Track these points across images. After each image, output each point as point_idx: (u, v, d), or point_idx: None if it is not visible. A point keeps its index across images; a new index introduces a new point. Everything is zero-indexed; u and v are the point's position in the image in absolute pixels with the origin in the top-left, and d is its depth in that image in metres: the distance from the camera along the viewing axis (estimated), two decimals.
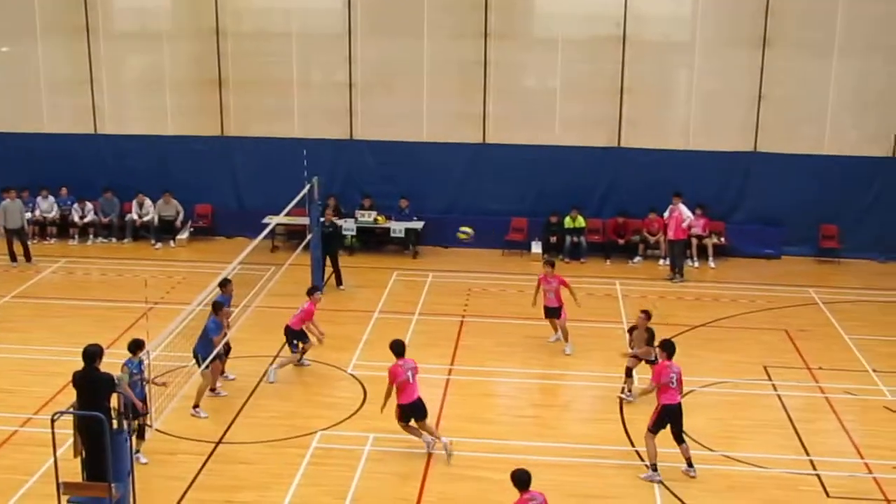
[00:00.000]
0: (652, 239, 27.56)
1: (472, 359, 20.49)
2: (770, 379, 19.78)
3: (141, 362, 14.98)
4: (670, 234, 25.99)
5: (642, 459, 16.46)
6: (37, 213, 29.10)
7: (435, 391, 18.91)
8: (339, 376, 19.74)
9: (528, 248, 27.93)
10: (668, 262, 26.69)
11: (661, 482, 15.85)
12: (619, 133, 27.90)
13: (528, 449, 16.88)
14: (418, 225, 28.05)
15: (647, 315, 18.76)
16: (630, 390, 18.53)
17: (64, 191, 29.40)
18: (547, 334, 21.30)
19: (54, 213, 29.25)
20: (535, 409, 18.61)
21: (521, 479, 13.14)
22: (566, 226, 27.67)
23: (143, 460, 15.84)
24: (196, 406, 17.81)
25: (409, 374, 16.48)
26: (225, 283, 19.20)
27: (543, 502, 13.17)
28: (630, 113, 27.78)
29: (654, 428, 16.02)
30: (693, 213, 26.30)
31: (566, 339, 20.73)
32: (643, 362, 18.49)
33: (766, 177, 27.63)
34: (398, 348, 16.74)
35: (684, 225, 25.78)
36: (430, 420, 17.32)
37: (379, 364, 19.50)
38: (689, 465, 16.11)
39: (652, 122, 27.92)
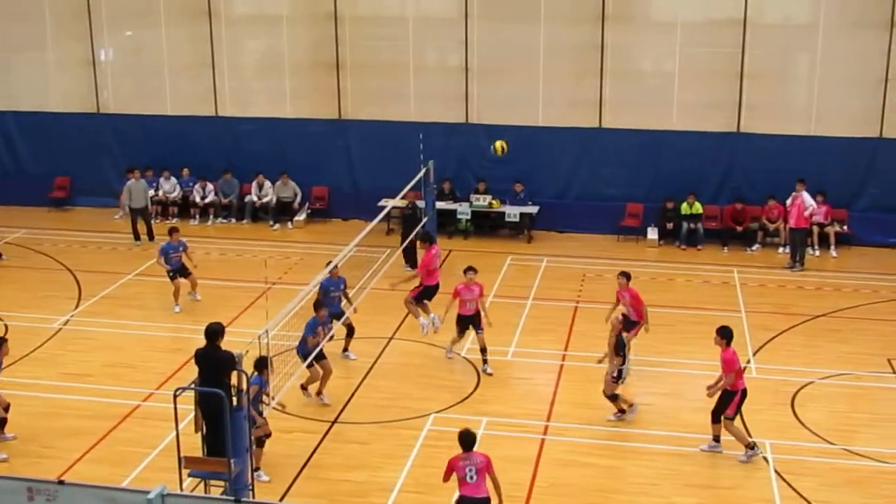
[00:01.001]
0: (771, 226, 27.07)
1: (585, 345, 20.39)
2: (894, 371, 19.31)
3: (264, 381, 15.10)
4: (791, 222, 25.47)
5: (760, 451, 16.24)
6: (160, 193, 29.75)
7: (548, 377, 18.91)
8: (453, 359, 19.80)
9: (644, 234, 27.67)
10: (787, 250, 26.18)
11: (764, 457, 15.79)
12: (738, 118, 27.42)
13: (641, 436, 16.79)
14: (533, 209, 27.98)
15: (623, 317, 17.99)
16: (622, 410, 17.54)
17: (186, 172, 30.03)
18: (661, 322, 21.02)
19: (176, 194, 29.88)
20: (647, 397, 18.43)
21: (465, 440, 13.15)
22: (683, 212, 27.34)
23: (264, 478, 15.43)
24: (319, 393, 17.94)
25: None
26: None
27: (483, 463, 13.05)
28: (750, 97, 27.28)
29: (734, 415, 15.93)
30: (814, 199, 25.74)
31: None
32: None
33: (892, 163, 26.92)
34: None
35: (806, 213, 25.22)
36: (544, 406, 17.36)
37: (491, 348, 19.60)
38: (717, 440, 16.27)
39: (772, 107, 27.37)
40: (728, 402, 15.95)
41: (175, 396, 13.14)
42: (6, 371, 17.11)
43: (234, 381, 13.37)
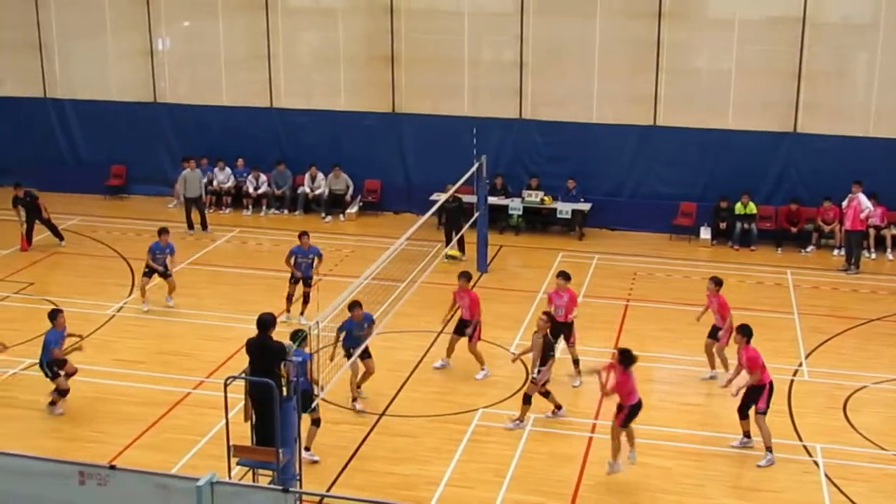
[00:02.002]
0: (826, 228, 26.76)
1: (635, 343, 20.13)
2: None
3: (309, 354, 15.06)
4: (847, 224, 25.17)
5: (810, 454, 16.11)
6: (214, 183, 29.96)
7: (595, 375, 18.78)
8: (502, 355, 19.78)
9: (697, 234, 27.46)
10: (843, 252, 25.88)
11: (815, 461, 15.82)
12: (794, 117, 27.13)
13: (691, 437, 16.70)
14: (585, 206, 27.85)
15: (548, 317, 17.18)
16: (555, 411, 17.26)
17: (240, 162, 30.21)
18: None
19: (230, 184, 30.08)
20: (698, 398, 18.34)
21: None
22: (736, 212, 27.10)
23: (315, 458, 15.61)
24: (358, 387, 17.93)
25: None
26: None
27: None
28: (807, 97, 26.97)
29: (766, 408, 15.93)
30: (870, 201, 25.40)
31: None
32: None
33: None
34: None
35: (862, 215, 24.91)
36: (592, 404, 17.33)
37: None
38: (748, 436, 16.28)
39: (830, 107, 27.04)
40: (757, 396, 15.96)
41: (225, 385, 13.24)
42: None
43: (284, 371, 13.44)
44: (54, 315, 17.47)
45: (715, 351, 18.79)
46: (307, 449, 15.46)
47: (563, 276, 19.13)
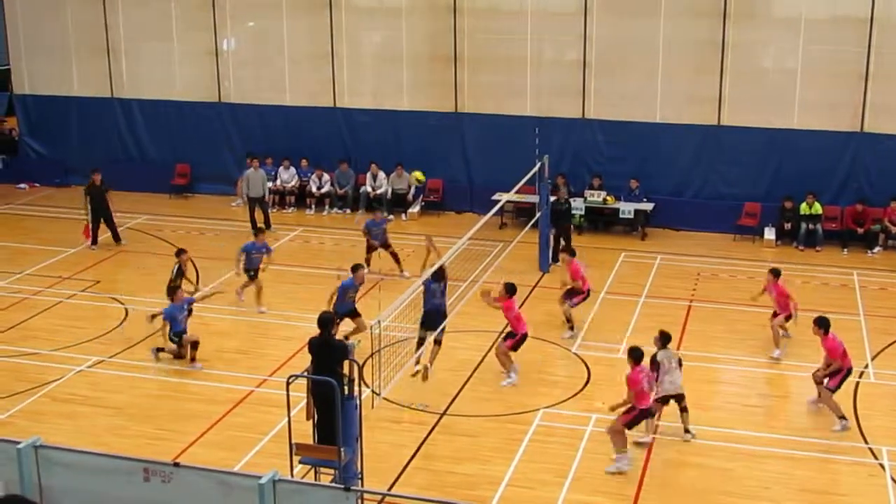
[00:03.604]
0: (894, 229, 26.33)
1: (698, 344, 20.12)
2: None
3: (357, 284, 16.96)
4: None
5: (876, 457, 15.87)
6: (277, 182, 30.13)
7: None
8: (563, 355, 19.72)
9: (761, 234, 27.15)
10: None
11: (881, 464, 15.74)
12: (861, 118, 26.71)
13: (754, 439, 16.52)
14: (648, 206, 27.68)
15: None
16: None
17: (304, 162, 30.35)
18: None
19: (294, 183, 30.23)
20: (761, 399, 18.15)
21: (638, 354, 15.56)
22: (802, 212, 26.76)
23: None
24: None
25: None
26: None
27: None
28: (875, 97, 26.52)
29: (836, 387, 16.85)
30: None
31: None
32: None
33: None
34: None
35: None
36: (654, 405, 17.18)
37: (603, 345, 19.50)
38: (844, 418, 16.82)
39: None
40: (833, 375, 16.80)
41: (288, 384, 13.28)
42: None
43: (346, 370, 13.46)
44: (172, 291, 19.31)
45: (775, 323, 19.72)
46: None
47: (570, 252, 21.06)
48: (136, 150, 32.12)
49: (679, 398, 16.52)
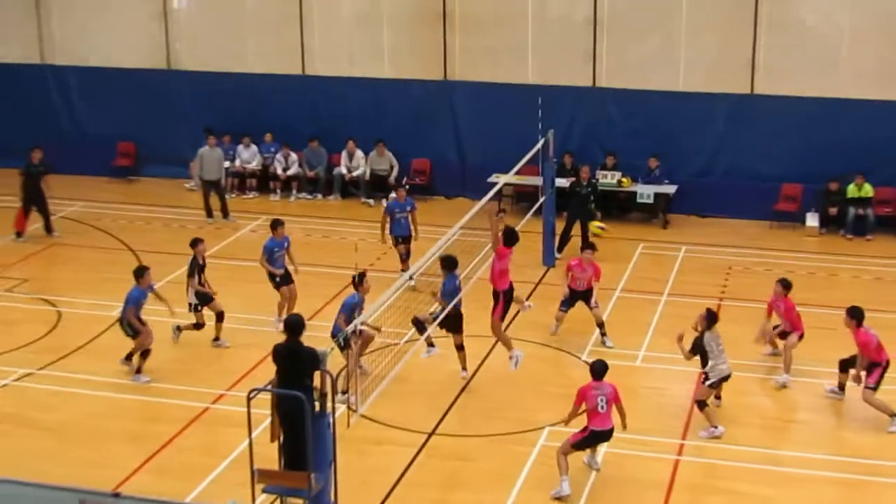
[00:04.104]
0: None
1: (729, 350, 19.91)
2: None
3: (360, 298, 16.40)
4: None
5: None
6: (237, 162, 30.01)
7: (684, 387, 18.63)
8: (572, 363, 19.67)
9: (802, 221, 27.16)
10: None
11: None
12: None
13: (794, 460, 16.52)
14: (670, 189, 27.65)
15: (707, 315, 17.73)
16: None
17: (268, 137, 30.24)
18: (821, 325, 20.50)
19: (255, 164, 30.12)
20: (802, 413, 18.12)
21: (598, 369, 15.47)
22: (849, 195, 26.77)
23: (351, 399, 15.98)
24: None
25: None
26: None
27: (613, 393, 15.40)
28: None
29: (876, 385, 17.32)
30: None
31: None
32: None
33: None
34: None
35: None
36: (679, 422, 17.14)
37: (618, 351, 19.43)
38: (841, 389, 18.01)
39: None
40: (870, 371, 17.09)
41: (249, 399, 13.17)
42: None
43: (316, 382, 13.35)
44: (140, 272, 18.93)
45: (771, 339, 19.78)
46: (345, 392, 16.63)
47: (591, 247, 20.96)
48: (70, 126, 31.98)
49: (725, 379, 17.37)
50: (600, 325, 20.46)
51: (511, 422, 17.53)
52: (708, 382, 17.11)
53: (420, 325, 18.43)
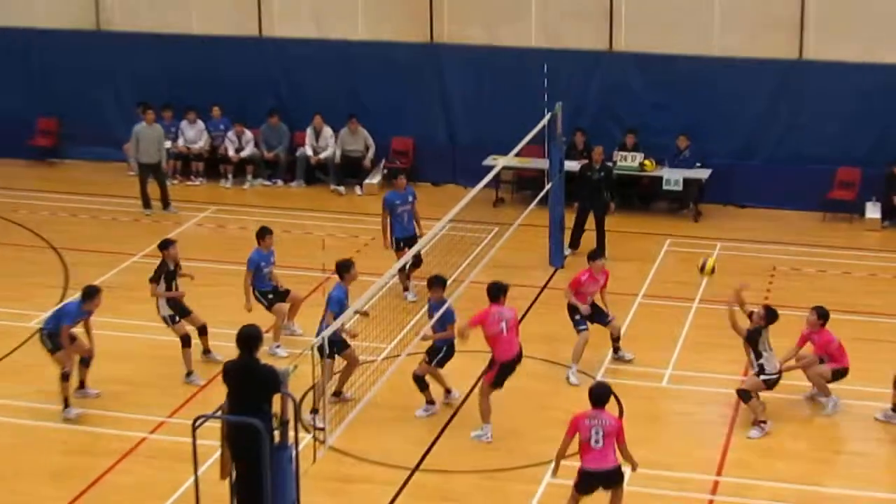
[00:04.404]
0: None
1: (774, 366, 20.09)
2: None
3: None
4: None
5: None
6: (180, 142, 29.99)
7: (720, 411, 18.72)
8: (584, 383, 19.60)
9: (862, 212, 27.29)
10: None
11: None
12: None
13: (852, 499, 16.49)
14: (702, 174, 27.73)
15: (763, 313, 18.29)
16: None
17: (217, 111, 30.23)
18: (883, 337, 20.57)
19: (202, 144, 30.11)
20: (861, 444, 18.13)
21: (597, 394, 14.99)
22: None
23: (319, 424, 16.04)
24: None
25: (504, 325, 16.89)
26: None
27: (614, 427, 14.79)
28: None
29: None
30: None
31: None
32: None
33: None
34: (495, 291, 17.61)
35: None
36: (714, 453, 17.18)
37: (640, 369, 19.45)
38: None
39: None
40: None
41: (194, 427, 13.17)
42: None
43: (276, 407, 13.36)
44: (92, 293, 18.81)
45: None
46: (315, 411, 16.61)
47: (603, 256, 20.68)
48: None
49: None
50: (616, 339, 20.38)
51: (510, 455, 17.53)
52: (763, 377, 17.54)
53: (421, 383, 18.39)
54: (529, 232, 24.09)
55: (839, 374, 18.70)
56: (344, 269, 18.57)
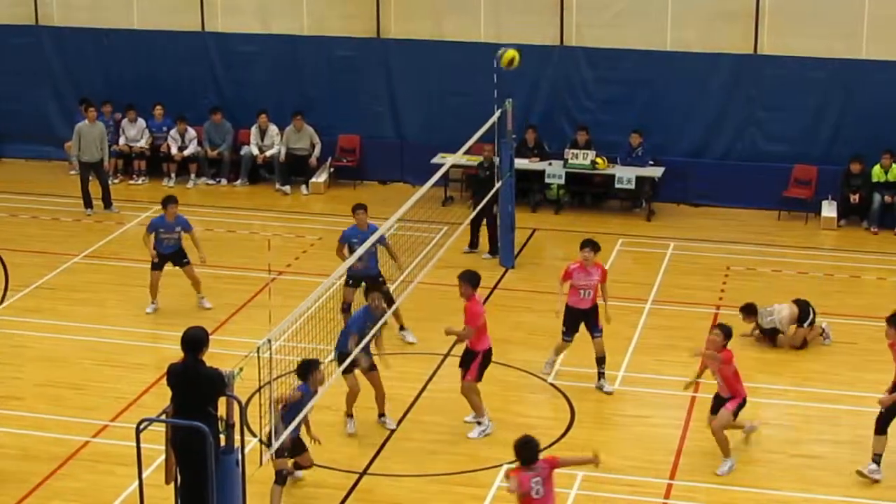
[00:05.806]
0: None
1: None
2: None
3: (311, 391, 15.66)
4: None
5: None
6: (121, 140, 29.97)
7: (674, 414, 18.84)
8: (536, 386, 19.75)
9: (818, 210, 27.43)
10: None
11: None
12: None
13: (801, 501, 16.63)
14: (655, 172, 27.88)
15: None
16: None
17: (159, 110, 30.24)
18: (839, 339, 20.80)
19: (144, 142, 30.10)
20: (820, 446, 18.21)
21: (526, 451, 13.69)
22: (874, 178, 27.04)
23: None
24: (348, 415, 18.26)
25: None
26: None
27: (548, 469, 13.73)
28: None
29: None
30: None
31: None
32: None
33: None
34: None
35: None
36: (667, 456, 17.33)
37: (592, 372, 19.53)
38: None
39: None
40: None
41: (138, 431, 13.22)
42: None
43: (221, 411, 13.44)
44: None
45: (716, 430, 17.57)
46: None
47: (592, 246, 19.53)
48: None
49: None
50: (600, 360, 19.51)
51: (460, 459, 17.59)
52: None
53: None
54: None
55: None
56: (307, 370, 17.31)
